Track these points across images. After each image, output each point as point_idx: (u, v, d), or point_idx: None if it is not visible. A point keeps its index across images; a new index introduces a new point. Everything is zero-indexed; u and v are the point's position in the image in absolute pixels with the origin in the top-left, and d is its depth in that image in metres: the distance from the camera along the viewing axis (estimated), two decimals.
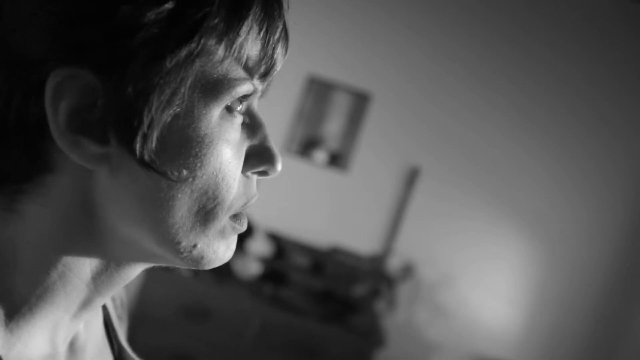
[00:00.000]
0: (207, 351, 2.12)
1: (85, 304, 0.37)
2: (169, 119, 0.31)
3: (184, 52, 0.30)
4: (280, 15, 0.35)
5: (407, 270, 2.53)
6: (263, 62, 0.35)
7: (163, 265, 0.38)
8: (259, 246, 2.39)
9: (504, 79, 2.59)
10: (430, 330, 2.63)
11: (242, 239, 2.50)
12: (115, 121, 0.30)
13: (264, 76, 0.36)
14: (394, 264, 2.56)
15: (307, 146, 2.60)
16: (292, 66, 2.47)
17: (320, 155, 2.60)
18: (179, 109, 0.32)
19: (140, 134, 0.30)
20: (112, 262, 0.36)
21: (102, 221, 0.34)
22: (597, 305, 2.63)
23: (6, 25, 0.29)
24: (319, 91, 2.59)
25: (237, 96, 0.34)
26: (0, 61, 0.29)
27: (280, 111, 2.59)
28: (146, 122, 0.30)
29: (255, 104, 0.38)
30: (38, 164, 0.32)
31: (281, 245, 2.56)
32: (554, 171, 2.61)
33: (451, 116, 2.60)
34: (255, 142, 0.37)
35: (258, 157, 0.37)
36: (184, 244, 0.34)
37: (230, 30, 0.32)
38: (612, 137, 2.60)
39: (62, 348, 0.37)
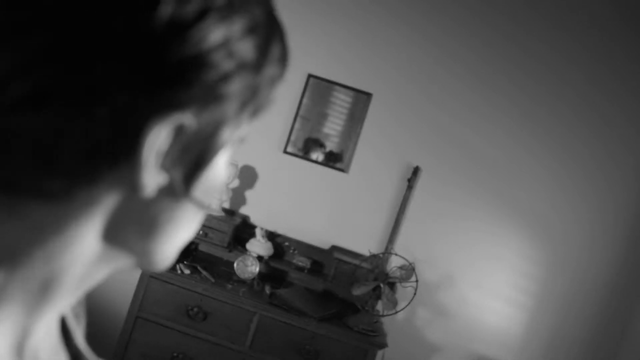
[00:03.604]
0: (207, 351, 2.12)
1: (54, 309, 0.36)
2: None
3: (251, 107, 0.36)
4: (287, 65, 0.39)
5: (407, 271, 2.52)
6: (265, 107, 0.39)
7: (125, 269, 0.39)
8: (259, 246, 2.39)
9: (504, 79, 2.59)
10: (430, 330, 2.62)
11: (242, 239, 2.50)
12: (191, 160, 0.34)
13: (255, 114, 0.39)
14: (394, 264, 2.55)
15: (307, 146, 2.60)
16: (292, 66, 2.47)
17: (320, 155, 2.60)
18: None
19: (200, 172, 0.35)
20: (94, 271, 0.36)
21: (115, 235, 0.34)
22: (597, 306, 2.62)
23: (106, 87, 0.29)
24: (319, 91, 2.59)
25: None
26: (103, 113, 0.29)
27: (280, 111, 2.59)
28: (209, 163, 0.35)
29: None
30: (93, 187, 0.32)
31: (281, 245, 2.56)
32: (555, 171, 2.60)
33: (451, 116, 2.60)
34: None
35: None
36: (171, 251, 0.38)
37: (270, 87, 0.37)
38: (612, 137, 2.59)
39: (6, 354, 0.34)
